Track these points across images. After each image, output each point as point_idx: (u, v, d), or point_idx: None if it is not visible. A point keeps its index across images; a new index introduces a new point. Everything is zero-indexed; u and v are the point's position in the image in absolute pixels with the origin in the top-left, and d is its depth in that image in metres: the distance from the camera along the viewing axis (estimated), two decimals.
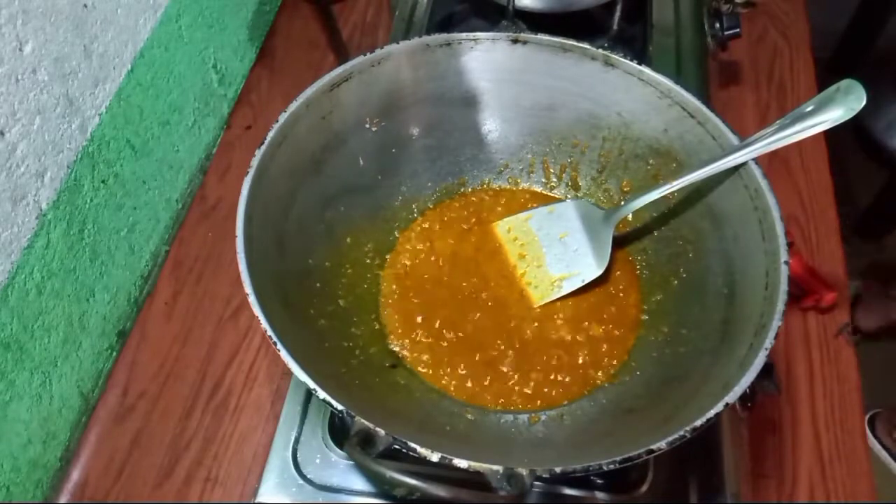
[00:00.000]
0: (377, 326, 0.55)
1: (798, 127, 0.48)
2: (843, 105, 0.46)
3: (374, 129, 0.56)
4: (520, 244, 0.59)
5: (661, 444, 0.38)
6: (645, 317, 0.56)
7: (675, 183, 0.51)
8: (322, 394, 0.39)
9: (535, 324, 0.56)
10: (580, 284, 0.56)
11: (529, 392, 0.53)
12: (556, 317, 0.56)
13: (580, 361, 0.54)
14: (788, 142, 0.48)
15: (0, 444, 0.53)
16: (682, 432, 0.38)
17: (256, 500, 0.52)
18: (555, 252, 0.58)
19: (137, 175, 0.65)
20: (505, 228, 0.59)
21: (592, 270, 0.56)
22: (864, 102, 0.46)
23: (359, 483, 0.52)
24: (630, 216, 0.58)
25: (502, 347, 0.54)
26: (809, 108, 0.48)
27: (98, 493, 0.58)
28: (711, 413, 0.39)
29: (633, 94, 0.55)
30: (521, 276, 0.57)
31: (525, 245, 0.59)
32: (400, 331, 0.55)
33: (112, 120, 0.60)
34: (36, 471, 0.57)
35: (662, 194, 0.52)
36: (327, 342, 0.50)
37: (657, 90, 0.53)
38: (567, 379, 0.53)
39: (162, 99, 0.67)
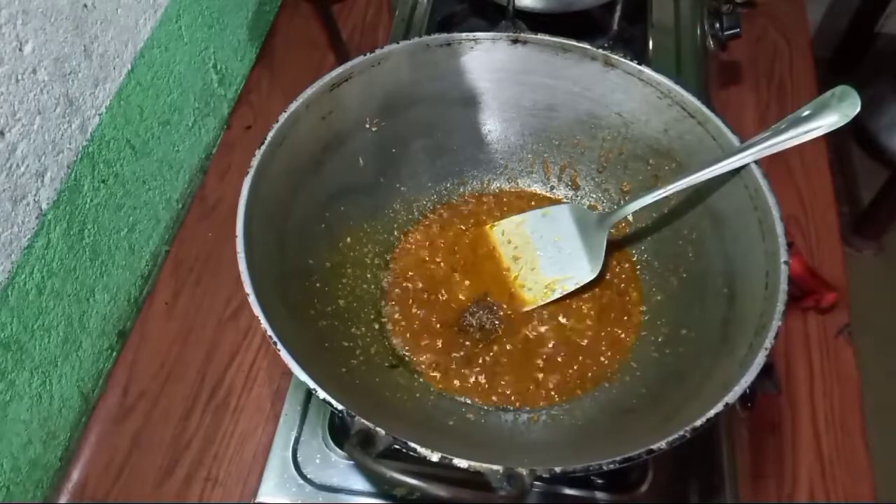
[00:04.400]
0: (377, 326, 0.55)
1: (793, 132, 0.48)
2: (838, 111, 0.47)
3: (374, 129, 0.56)
4: (514, 247, 0.59)
5: (661, 444, 0.38)
6: (645, 317, 0.55)
7: (670, 187, 0.51)
8: (322, 394, 0.39)
9: (536, 324, 0.56)
10: (573, 288, 0.56)
11: (530, 392, 0.53)
12: (556, 317, 0.56)
13: (580, 361, 0.54)
14: (784, 147, 0.48)
15: (0, 444, 0.53)
16: (682, 432, 0.38)
17: (256, 500, 0.52)
18: (549, 255, 0.58)
19: (137, 175, 0.65)
20: (499, 231, 0.59)
21: (586, 274, 0.56)
22: (858, 109, 0.46)
23: (359, 483, 0.52)
24: (630, 216, 0.58)
25: (502, 348, 0.54)
26: (805, 113, 0.48)
27: (98, 493, 0.58)
28: (711, 413, 0.39)
29: (633, 94, 0.55)
30: (514, 279, 0.57)
31: (519, 248, 0.59)
32: (400, 331, 0.55)
33: (112, 120, 0.60)
34: (36, 471, 0.57)
35: (658, 198, 0.52)
36: (327, 342, 0.50)
37: (657, 90, 0.53)
38: (567, 379, 0.53)
39: (162, 99, 0.67)
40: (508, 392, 0.53)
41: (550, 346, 0.55)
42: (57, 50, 0.52)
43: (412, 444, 0.38)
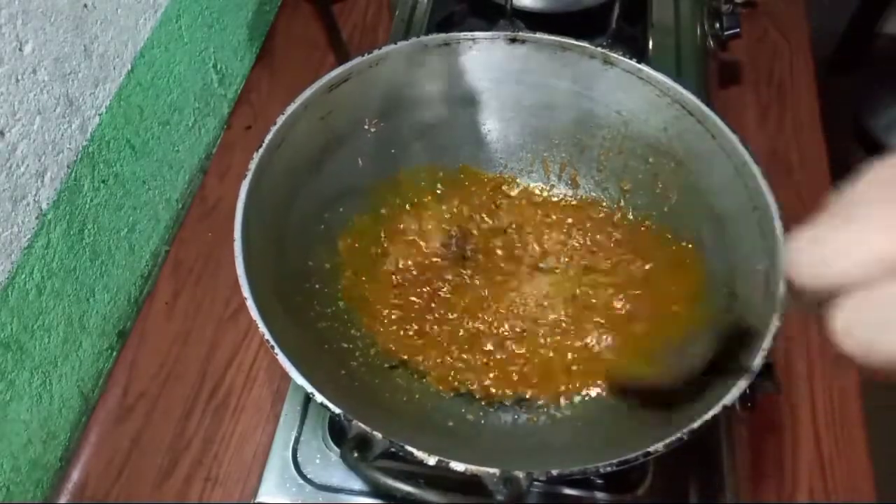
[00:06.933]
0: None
1: None
2: None
3: (373, 129, 0.56)
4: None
5: (658, 447, 0.38)
6: None
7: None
8: (320, 397, 0.39)
9: (535, 324, 0.55)
10: None
11: (529, 392, 0.53)
12: (555, 318, 0.56)
13: (580, 361, 0.54)
14: None
15: (0, 444, 0.53)
16: (679, 434, 0.38)
17: (256, 500, 0.52)
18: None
19: (137, 175, 0.65)
20: None
21: None
22: None
23: (359, 483, 0.52)
24: (630, 216, 0.58)
25: (502, 348, 0.54)
26: None
27: (98, 493, 0.58)
28: (709, 415, 0.39)
29: (632, 92, 0.55)
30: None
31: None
32: (400, 331, 0.55)
33: (112, 120, 0.60)
34: (36, 471, 0.57)
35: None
36: (327, 344, 0.50)
37: (656, 88, 0.53)
38: (567, 379, 0.53)
39: (162, 99, 0.67)
40: (508, 392, 0.53)
41: (550, 346, 0.55)
42: (57, 50, 0.52)
43: (409, 448, 0.38)
